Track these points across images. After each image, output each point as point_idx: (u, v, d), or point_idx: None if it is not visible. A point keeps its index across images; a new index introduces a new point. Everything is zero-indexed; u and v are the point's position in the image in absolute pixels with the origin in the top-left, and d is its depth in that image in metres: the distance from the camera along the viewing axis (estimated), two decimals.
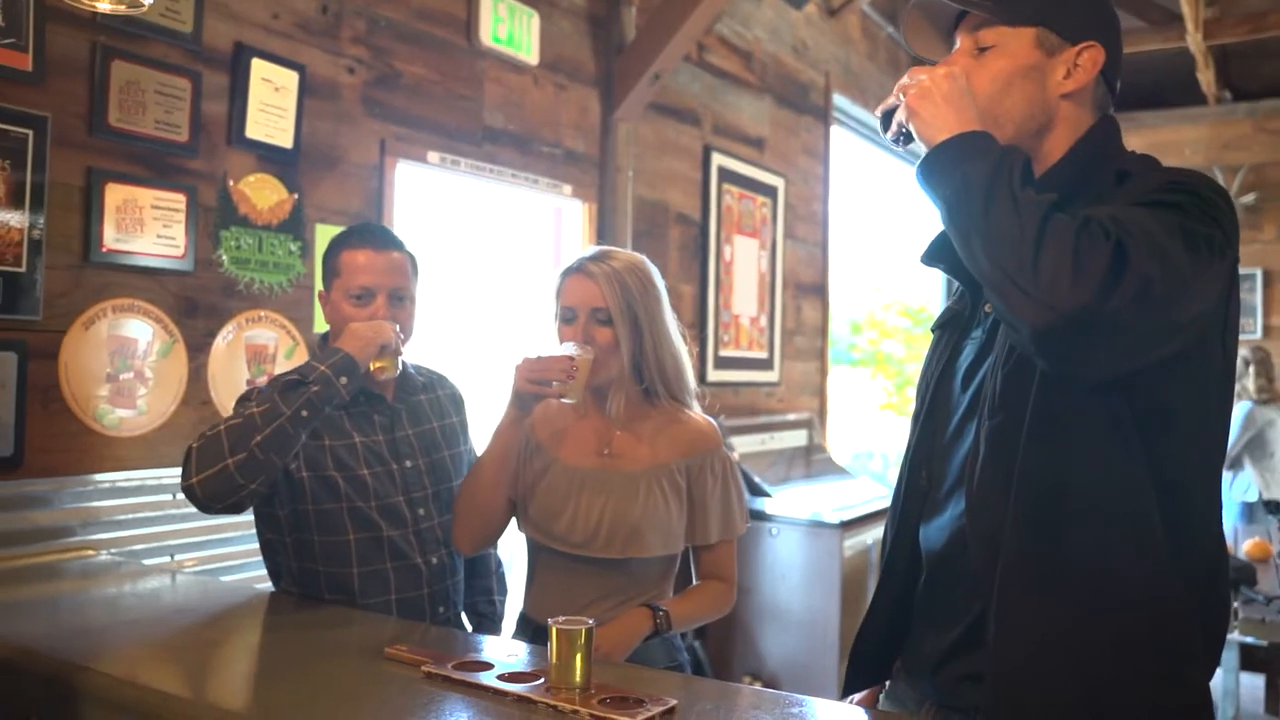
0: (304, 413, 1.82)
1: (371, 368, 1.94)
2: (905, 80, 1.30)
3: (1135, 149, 1.37)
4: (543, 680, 1.46)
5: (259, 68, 2.76)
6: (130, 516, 2.52)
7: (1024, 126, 1.34)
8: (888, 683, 1.54)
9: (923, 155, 1.25)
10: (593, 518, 1.89)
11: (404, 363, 2.11)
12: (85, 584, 2.20)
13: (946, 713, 1.38)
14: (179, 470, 2.54)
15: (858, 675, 1.55)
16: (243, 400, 1.94)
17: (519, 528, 2.02)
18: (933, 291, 8.14)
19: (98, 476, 2.47)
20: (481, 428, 2.28)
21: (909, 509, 1.47)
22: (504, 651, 1.69)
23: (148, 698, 1.46)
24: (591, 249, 1.98)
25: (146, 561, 2.49)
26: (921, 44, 1.46)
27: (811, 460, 5.44)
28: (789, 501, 4.56)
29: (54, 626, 1.85)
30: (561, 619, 1.45)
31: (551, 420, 2.02)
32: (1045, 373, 1.24)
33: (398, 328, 1.96)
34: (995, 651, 1.27)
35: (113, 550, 2.45)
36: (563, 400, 1.86)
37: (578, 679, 1.42)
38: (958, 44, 1.39)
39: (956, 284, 1.51)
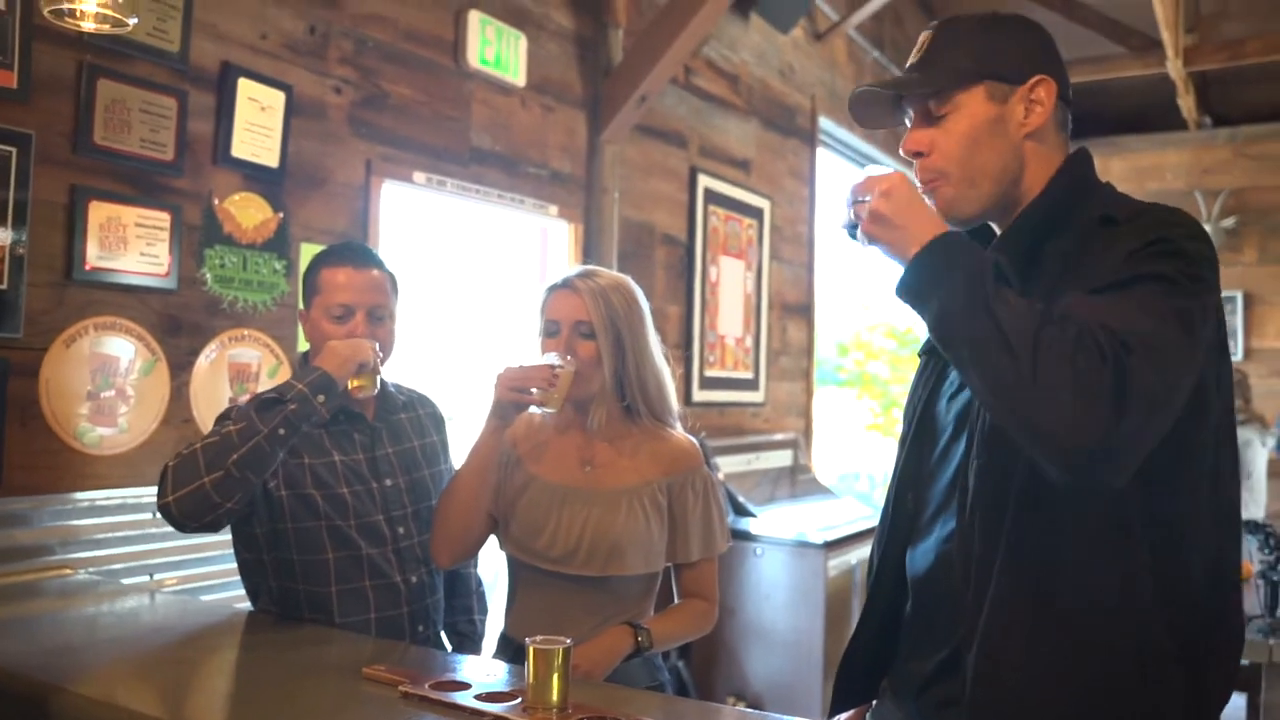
0: (281, 431, 1.82)
1: (350, 385, 1.94)
2: (853, 194, 1.30)
3: (1118, 173, 1.40)
4: (520, 700, 1.46)
5: (246, 87, 2.77)
6: (109, 535, 2.51)
7: (999, 178, 1.35)
8: (874, 702, 1.55)
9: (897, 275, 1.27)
10: (574, 534, 1.89)
11: (384, 381, 2.12)
12: (63, 603, 2.19)
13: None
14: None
15: (843, 695, 1.56)
16: (221, 419, 1.94)
17: (500, 546, 2.02)
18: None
19: (77, 495, 2.46)
20: (463, 447, 2.29)
21: (895, 531, 1.48)
22: (482, 671, 1.69)
23: (125, 719, 1.46)
24: (577, 268, 2.00)
25: (125, 581, 2.47)
26: (870, 121, 1.46)
27: (796, 480, 5.45)
28: (774, 521, 4.56)
29: (32, 646, 1.84)
30: (539, 638, 1.45)
31: (533, 436, 2.03)
32: None
33: (376, 346, 1.96)
34: (974, 680, 1.28)
35: (91, 569, 2.44)
36: (543, 410, 1.86)
37: (554, 699, 1.42)
38: (909, 114, 1.40)
39: None
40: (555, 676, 1.42)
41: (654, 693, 1.82)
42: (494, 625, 2.41)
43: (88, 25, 1.84)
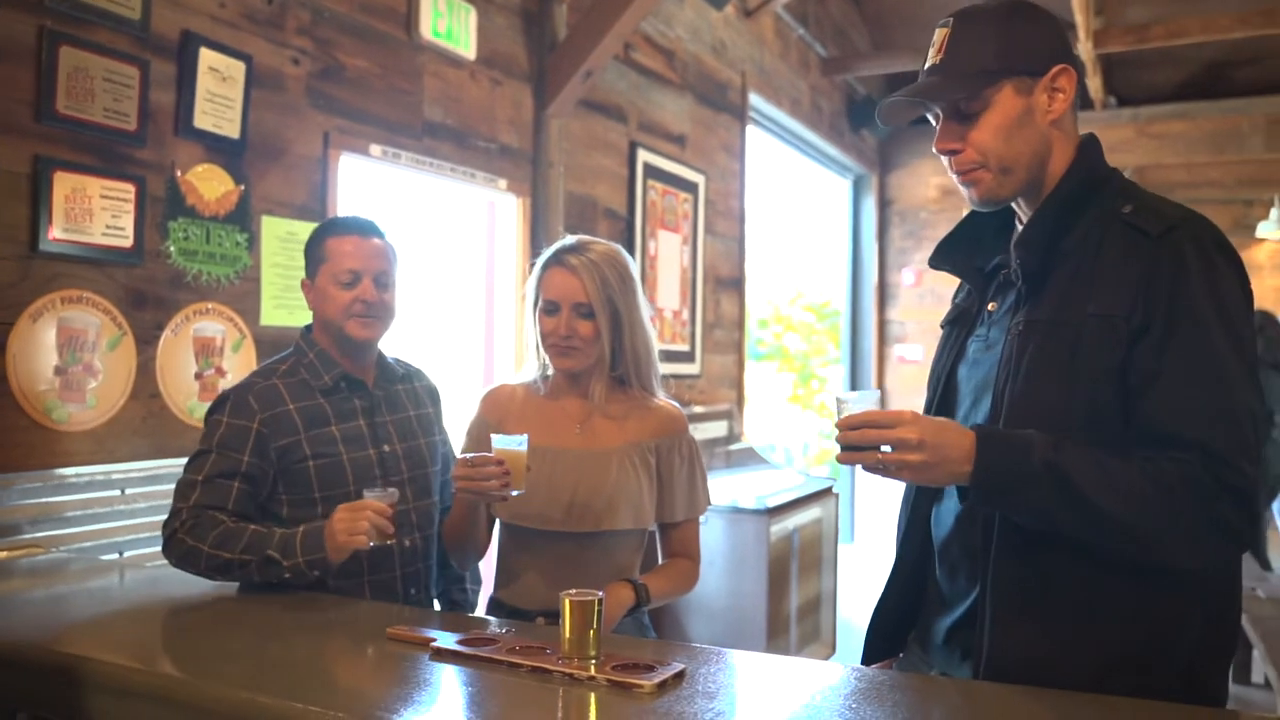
0: (271, 581, 1.88)
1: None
2: (866, 440, 1.32)
3: None
4: (551, 652, 1.51)
5: (206, 57, 2.73)
6: (80, 513, 2.47)
7: (1030, 165, 1.41)
8: (900, 655, 1.64)
9: (961, 489, 1.35)
10: (567, 491, 1.95)
11: (383, 354, 2.18)
12: (44, 581, 2.16)
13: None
14: (129, 466, 2.56)
15: (874, 648, 1.65)
16: (200, 455, 1.99)
17: (491, 512, 2.06)
18: (836, 288, 8.39)
19: (46, 472, 2.42)
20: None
21: (920, 495, 1.58)
22: (501, 628, 1.73)
23: (159, 682, 1.47)
24: (570, 239, 2.03)
25: (97, 559, 2.44)
26: (894, 119, 1.51)
27: (731, 450, 5.57)
28: (713, 490, 4.64)
29: (28, 621, 1.82)
30: (573, 591, 1.50)
31: (523, 406, 2.07)
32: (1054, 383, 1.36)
33: (392, 501, 1.93)
34: (990, 631, 1.38)
35: (62, 547, 2.40)
36: (509, 495, 1.87)
37: (591, 649, 1.47)
38: (934, 111, 1.45)
39: (963, 284, 1.61)
40: (592, 628, 1.47)
41: (676, 642, 1.89)
42: (484, 593, 2.45)
43: None
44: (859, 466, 1.34)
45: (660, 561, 2.11)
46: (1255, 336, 1.33)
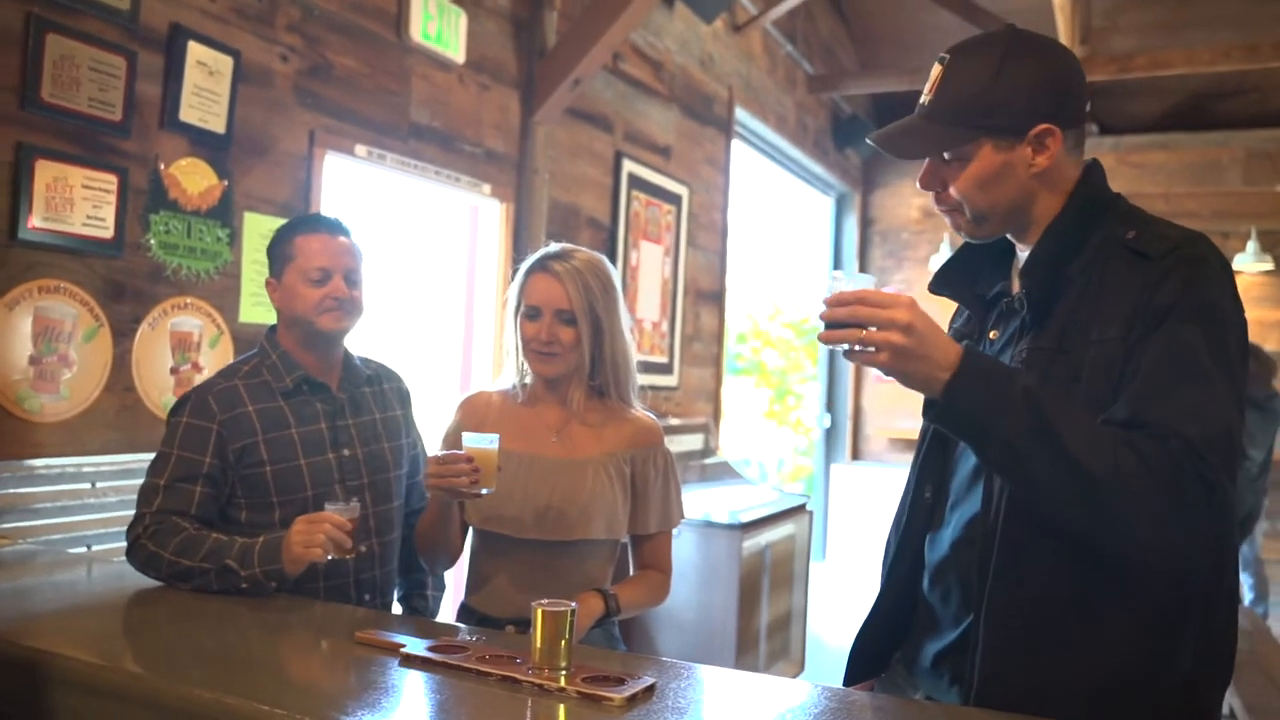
0: (229, 590, 1.87)
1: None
2: (855, 317, 1.26)
3: None
4: (521, 661, 1.50)
5: (194, 50, 2.72)
6: (48, 505, 2.45)
7: (1009, 212, 1.41)
8: (882, 675, 1.64)
9: (929, 400, 1.29)
10: (541, 499, 1.95)
11: (349, 354, 2.17)
12: (11, 573, 2.13)
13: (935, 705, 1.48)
14: (100, 459, 2.54)
15: (857, 667, 1.65)
16: (160, 458, 1.99)
17: (464, 517, 2.05)
18: (815, 306, 8.40)
19: (16, 463, 2.39)
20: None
21: (913, 520, 1.57)
22: (471, 636, 1.72)
23: (122, 680, 1.45)
24: (554, 246, 2.03)
25: (66, 551, 2.41)
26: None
27: (706, 464, 5.57)
28: (687, 503, 4.64)
29: (3, 613, 1.80)
30: (545, 601, 1.50)
31: (500, 412, 2.06)
32: None
33: (355, 515, 1.92)
34: (982, 659, 1.37)
35: (29, 539, 2.38)
36: (480, 493, 1.87)
37: (562, 660, 1.47)
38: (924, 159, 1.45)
39: (962, 308, 1.61)
40: (564, 638, 1.47)
41: (646, 655, 1.89)
42: (450, 599, 2.44)
43: None
44: (840, 349, 1.28)
45: (631, 573, 2.11)
46: (1245, 357, 1.31)
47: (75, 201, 2.46)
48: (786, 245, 8.72)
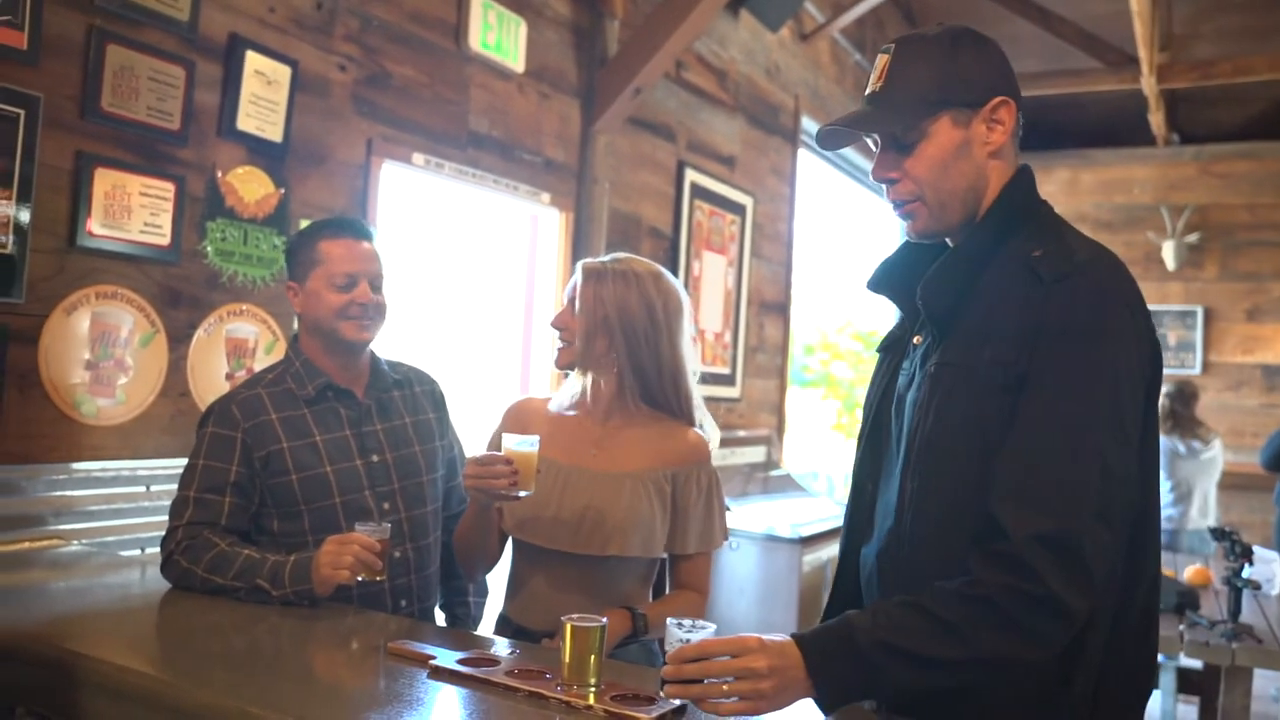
0: (260, 602, 1.87)
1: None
2: (714, 676, 1.26)
3: (1088, 185, 1.49)
4: (551, 677, 1.47)
5: (253, 60, 2.75)
6: (104, 507, 2.48)
7: (966, 198, 1.41)
8: None
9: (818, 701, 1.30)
10: (576, 512, 1.92)
11: (376, 358, 2.16)
12: (64, 573, 2.16)
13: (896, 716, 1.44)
14: (154, 462, 2.57)
15: None
16: (189, 470, 1.99)
17: (501, 525, 2.03)
18: (884, 315, 8.29)
19: (73, 465, 2.43)
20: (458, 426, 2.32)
21: (854, 522, 1.55)
22: (505, 649, 1.69)
23: (147, 684, 1.45)
24: (614, 254, 2.04)
25: (119, 554, 2.44)
26: (832, 145, 1.49)
27: (769, 476, 5.50)
28: (748, 516, 4.60)
29: (39, 614, 1.82)
30: (575, 616, 1.46)
31: (544, 428, 2.03)
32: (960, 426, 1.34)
33: (385, 537, 1.90)
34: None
35: (85, 541, 2.41)
36: (519, 495, 1.85)
37: (591, 677, 1.43)
38: (874, 139, 1.43)
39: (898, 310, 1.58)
40: (593, 654, 1.43)
41: None
42: (493, 607, 2.42)
43: None
44: (692, 703, 1.29)
45: (668, 592, 2.07)
46: (1135, 401, 1.30)
47: (133, 209, 2.50)
48: (855, 256, 8.61)
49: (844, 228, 8.16)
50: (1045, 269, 1.31)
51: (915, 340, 1.48)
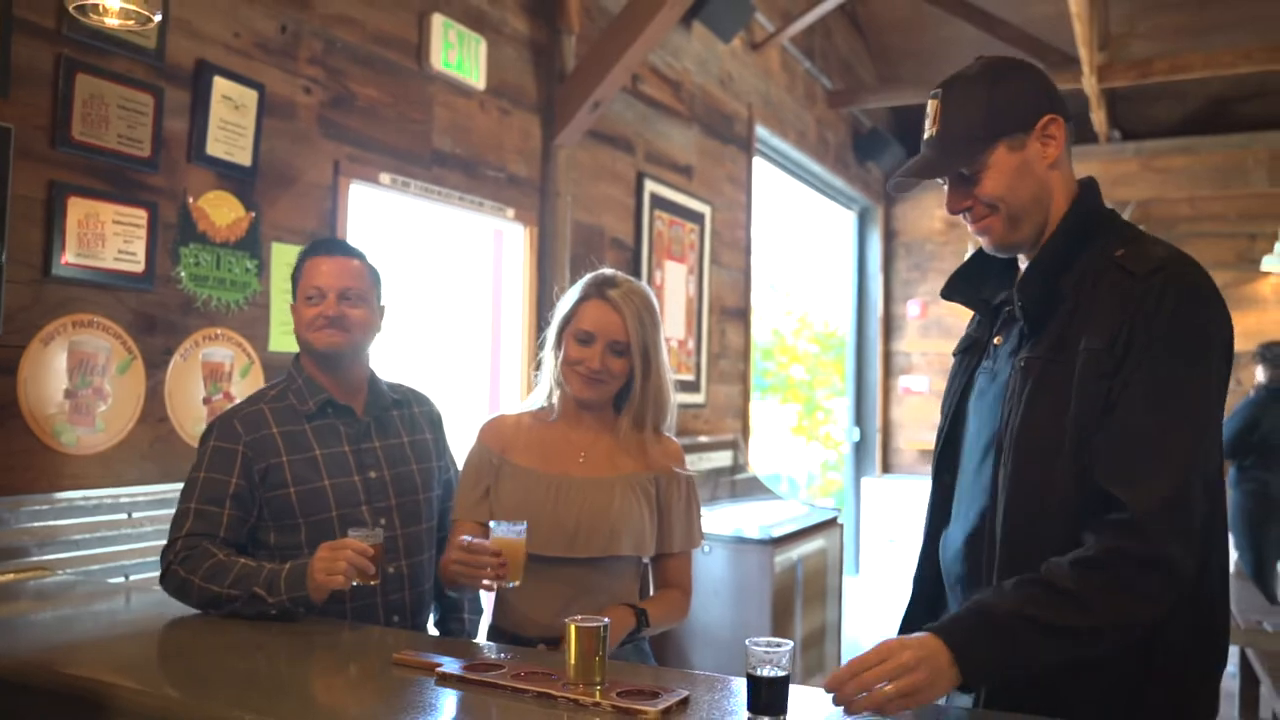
0: (255, 614, 1.89)
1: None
2: (868, 685, 1.33)
3: None
4: (556, 677, 1.51)
5: (220, 85, 2.77)
6: (86, 536, 2.48)
7: (1035, 210, 1.52)
8: None
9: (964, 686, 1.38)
10: (570, 519, 1.97)
11: (375, 377, 2.20)
12: (51, 603, 2.16)
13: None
14: (136, 489, 2.58)
15: None
16: (190, 482, 2.02)
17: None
18: (841, 319, 8.41)
19: (55, 495, 2.43)
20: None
21: (932, 522, 1.65)
22: (504, 654, 1.73)
23: (160, 704, 1.47)
24: (607, 272, 2.07)
25: (105, 581, 2.45)
26: (906, 191, 1.61)
27: (736, 480, 5.56)
28: (718, 520, 4.66)
29: (31, 643, 1.83)
30: (578, 617, 1.51)
31: (526, 435, 2.08)
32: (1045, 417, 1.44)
33: (379, 545, 1.92)
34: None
35: (69, 570, 2.41)
36: (507, 585, 1.87)
37: (597, 675, 1.48)
38: (946, 180, 1.55)
39: (975, 314, 1.70)
40: (597, 654, 1.48)
41: (679, 670, 1.89)
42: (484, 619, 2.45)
43: (111, 21, 1.84)
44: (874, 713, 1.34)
45: (651, 592, 2.12)
46: (1223, 379, 1.42)
47: (107, 237, 2.51)
48: (811, 260, 8.73)
49: (797, 232, 8.27)
50: (1133, 265, 1.42)
51: (996, 341, 1.59)
